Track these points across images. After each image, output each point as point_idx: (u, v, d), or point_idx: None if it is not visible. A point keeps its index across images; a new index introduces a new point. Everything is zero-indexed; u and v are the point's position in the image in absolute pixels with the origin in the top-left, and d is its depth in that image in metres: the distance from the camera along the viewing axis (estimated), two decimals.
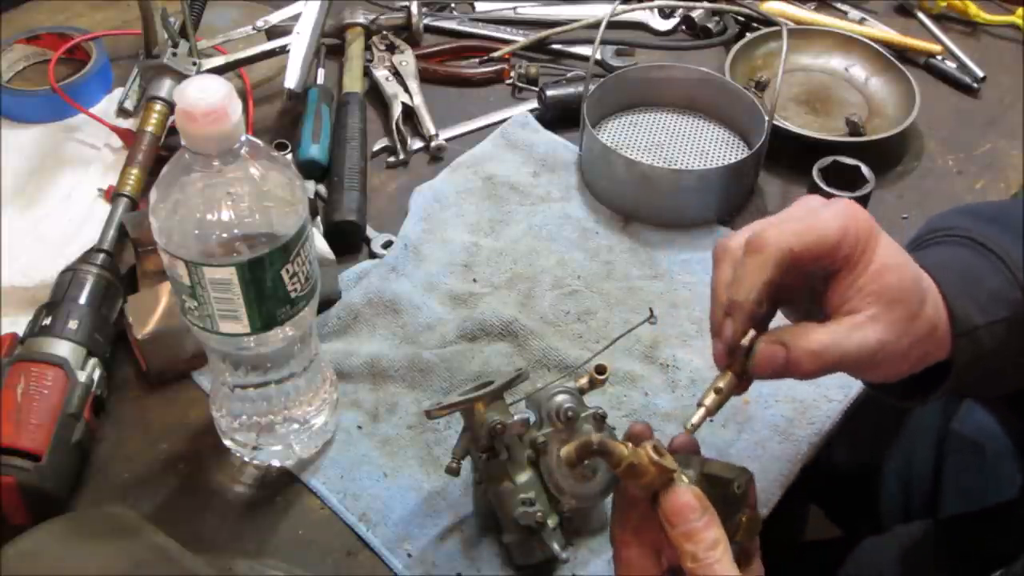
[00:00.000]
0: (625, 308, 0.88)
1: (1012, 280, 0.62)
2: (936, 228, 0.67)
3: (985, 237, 0.63)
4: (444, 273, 0.90)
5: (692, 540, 0.54)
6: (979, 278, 0.62)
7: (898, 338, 0.57)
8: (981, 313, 0.60)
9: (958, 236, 0.65)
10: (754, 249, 0.57)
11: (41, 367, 0.73)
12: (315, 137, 0.99)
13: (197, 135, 0.58)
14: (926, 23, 1.22)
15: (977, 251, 0.63)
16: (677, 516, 0.55)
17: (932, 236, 0.67)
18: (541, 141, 1.03)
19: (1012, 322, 0.61)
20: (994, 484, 0.90)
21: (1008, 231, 0.64)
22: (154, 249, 0.82)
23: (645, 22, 1.21)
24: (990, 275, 0.62)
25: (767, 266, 0.56)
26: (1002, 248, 0.63)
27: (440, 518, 0.73)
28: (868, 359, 0.57)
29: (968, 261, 0.63)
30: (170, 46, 0.98)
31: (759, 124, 0.97)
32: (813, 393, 0.81)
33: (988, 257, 0.63)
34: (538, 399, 0.70)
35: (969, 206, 0.70)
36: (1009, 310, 0.61)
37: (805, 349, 0.56)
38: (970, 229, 0.64)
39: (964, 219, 0.66)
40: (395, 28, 1.14)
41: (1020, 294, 0.62)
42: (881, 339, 0.57)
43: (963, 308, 0.60)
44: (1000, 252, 0.62)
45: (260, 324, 0.64)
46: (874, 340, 0.57)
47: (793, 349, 0.56)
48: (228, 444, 0.76)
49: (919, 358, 0.59)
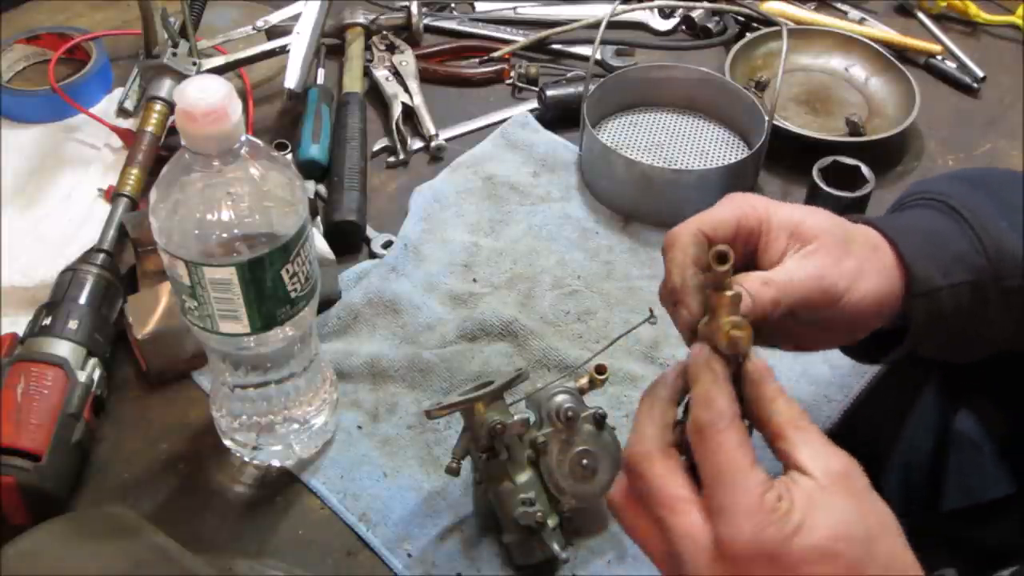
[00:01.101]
0: (625, 308, 0.88)
1: (979, 245, 0.62)
2: (916, 192, 0.68)
3: (957, 200, 0.64)
4: (444, 273, 0.90)
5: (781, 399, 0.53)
6: (945, 241, 0.62)
7: (836, 261, 0.59)
8: (943, 275, 0.61)
9: (933, 199, 0.66)
10: (670, 244, 0.61)
11: (41, 367, 0.73)
12: (315, 137, 0.99)
13: (197, 135, 0.58)
14: (926, 23, 1.22)
15: (947, 215, 0.64)
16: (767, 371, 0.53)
17: (910, 199, 0.68)
18: (541, 141, 1.03)
19: (975, 286, 0.62)
20: (994, 481, 0.90)
21: (986, 197, 0.65)
22: (154, 249, 0.82)
23: (645, 22, 1.21)
24: (956, 238, 0.63)
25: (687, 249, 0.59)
26: (974, 213, 0.63)
27: (440, 518, 0.73)
28: (816, 283, 0.58)
29: (936, 224, 0.64)
30: (170, 46, 0.98)
31: (759, 124, 0.97)
32: (813, 393, 0.81)
33: (958, 221, 0.63)
34: (538, 399, 0.71)
35: (962, 171, 0.72)
36: (973, 274, 0.62)
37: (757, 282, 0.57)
38: (946, 193, 0.65)
39: (949, 184, 0.67)
40: (395, 28, 1.14)
41: (984, 260, 0.62)
42: (819, 264, 0.59)
43: (924, 269, 0.61)
44: (970, 217, 0.63)
45: (260, 324, 0.64)
46: (812, 265, 0.59)
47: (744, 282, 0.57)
48: (228, 444, 0.76)
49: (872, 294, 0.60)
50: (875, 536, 0.48)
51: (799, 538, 0.47)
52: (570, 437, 0.68)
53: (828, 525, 0.47)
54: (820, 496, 0.48)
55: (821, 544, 0.47)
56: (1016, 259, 0.63)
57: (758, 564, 0.47)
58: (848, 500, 0.49)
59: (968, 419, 0.94)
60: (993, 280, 0.62)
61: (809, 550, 0.47)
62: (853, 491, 0.49)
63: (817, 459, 0.50)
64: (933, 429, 0.97)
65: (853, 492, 0.49)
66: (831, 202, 0.91)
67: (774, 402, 0.52)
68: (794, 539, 0.47)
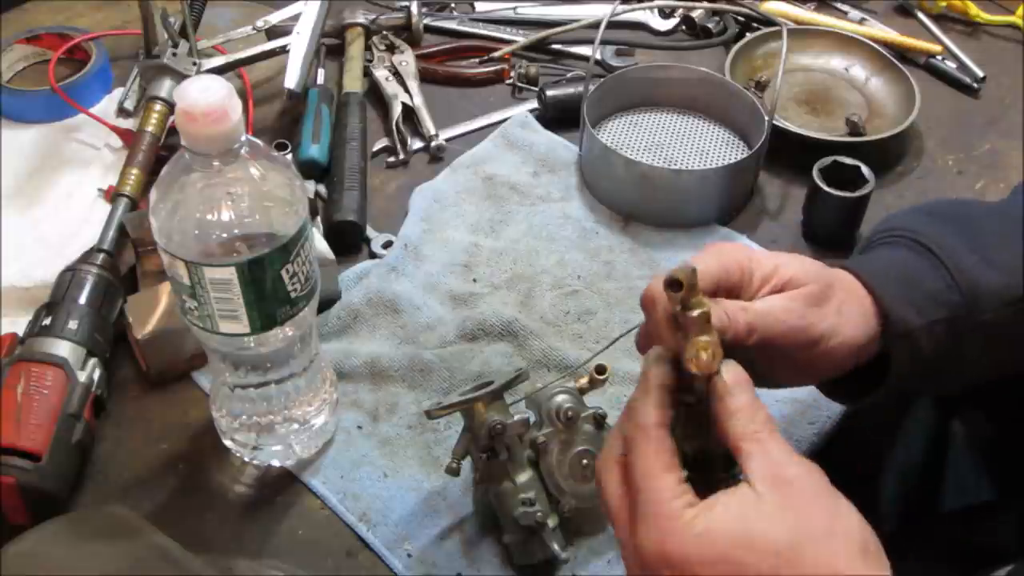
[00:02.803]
0: (625, 308, 0.88)
1: (951, 282, 0.63)
2: (885, 229, 0.69)
3: (929, 238, 0.65)
4: (444, 273, 0.90)
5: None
6: (918, 280, 0.63)
7: (817, 306, 0.60)
8: (918, 315, 0.62)
9: (903, 237, 0.66)
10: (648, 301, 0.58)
11: (41, 367, 0.73)
12: (315, 137, 0.99)
13: (197, 135, 0.58)
14: (926, 23, 1.22)
15: (918, 252, 0.64)
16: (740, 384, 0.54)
17: (880, 237, 0.68)
18: (541, 141, 1.03)
19: (951, 322, 0.62)
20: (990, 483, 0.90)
21: (953, 229, 0.65)
22: (154, 249, 0.82)
23: (645, 22, 1.21)
24: (929, 277, 0.63)
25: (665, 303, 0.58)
26: (944, 249, 0.64)
27: (440, 518, 0.73)
28: (795, 323, 0.59)
29: (907, 263, 0.64)
30: (170, 46, 0.98)
31: (759, 124, 0.97)
32: (813, 393, 0.81)
33: (929, 258, 0.64)
34: (538, 399, 0.71)
35: (927, 204, 0.72)
36: (948, 311, 0.62)
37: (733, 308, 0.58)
38: (916, 230, 0.66)
39: (916, 218, 0.68)
40: (395, 28, 1.14)
41: (958, 296, 0.62)
42: (800, 306, 0.59)
43: (900, 310, 0.61)
44: (941, 253, 0.63)
45: (260, 324, 0.64)
46: (793, 305, 0.59)
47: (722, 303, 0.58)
48: (228, 444, 0.76)
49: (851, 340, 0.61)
50: (801, 544, 0.48)
51: (698, 547, 0.49)
52: (570, 437, 0.68)
53: (735, 534, 0.49)
54: (745, 506, 0.50)
55: (721, 553, 0.49)
56: (990, 293, 0.63)
57: (664, 569, 0.50)
58: (777, 510, 0.49)
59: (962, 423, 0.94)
60: (967, 315, 0.63)
61: (709, 558, 0.49)
62: (790, 501, 0.50)
63: (764, 469, 0.51)
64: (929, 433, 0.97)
65: (789, 502, 0.50)
66: (831, 202, 0.91)
67: (733, 416, 0.53)
68: (694, 547, 0.49)
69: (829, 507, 0.50)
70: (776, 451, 0.51)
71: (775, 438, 0.52)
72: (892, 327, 0.62)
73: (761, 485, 0.50)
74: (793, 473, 0.51)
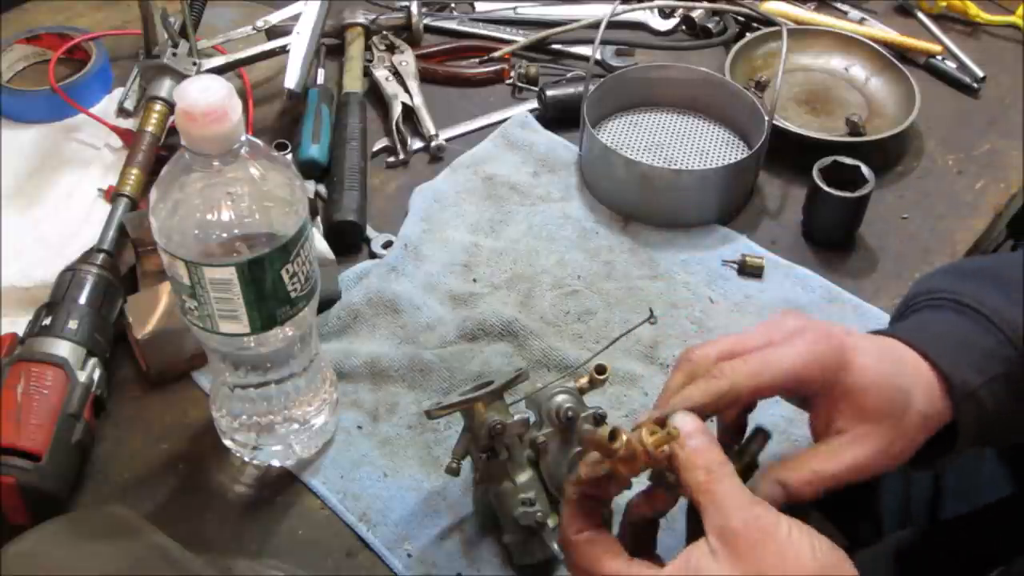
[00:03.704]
0: (625, 308, 0.88)
1: (1003, 339, 0.63)
2: (920, 292, 0.69)
3: (970, 298, 0.65)
4: (444, 273, 0.90)
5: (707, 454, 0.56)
6: (971, 341, 0.64)
7: (890, 443, 0.60)
8: (978, 374, 0.62)
9: (944, 299, 0.66)
10: (711, 375, 0.60)
11: (41, 367, 0.73)
12: (315, 137, 0.99)
13: (197, 135, 0.58)
14: (926, 23, 1.22)
15: (965, 314, 0.65)
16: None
17: (917, 302, 0.69)
18: (541, 141, 1.03)
19: (1009, 377, 0.63)
20: (991, 485, 0.90)
21: (990, 286, 0.66)
22: (154, 249, 0.82)
23: (645, 22, 1.21)
24: (982, 336, 0.64)
25: (710, 393, 0.59)
26: (987, 307, 0.64)
27: (440, 518, 0.73)
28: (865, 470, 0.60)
29: (957, 325, 0.65)
30: (170, 46, 0.98)
31: (759, 124, 0.97)
32: None
33: (976, 319, 0.64)
34: (538, 399, 0.70)
35: (950, 265, 0.73)
36: (1005, 366, 0.63)
37: (800, 481, 0.59)
38: (955, 291, 0.66)
39: (947, 280, 0.68)
40: (395, 28, 1.14)
41: (1012, 350, 0.63)
42: (872, 452, 0.60)
43: (960, 374, 0.62)
44: (987, 312, 0.64)
45: (260, 324, 0.64)
46: (863, 456, 0.60)
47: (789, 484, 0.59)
48: (228, 444, 0.76)
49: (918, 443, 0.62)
50: None
51: None
52: (570, 437, 0.68)
53: None
54: (701, 560, 0.52)
55: None
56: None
57: None
58: (727, 564, 0.52)
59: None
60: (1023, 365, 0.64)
61: None
62: (739, 551, 0.52)
63: (713, 521, 0.53)
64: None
65: (738, 552, 0.52)
66: (831, 202, 0.91)
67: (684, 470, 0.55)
68: None
69: (779, 548, 0.52)
70: (727, 499, 0.54)
71: (726, 483, 0.54)
72: (956, 391, 0.62)
73: (713, 539, 0.53)
74: (740, 521, 0.53)
